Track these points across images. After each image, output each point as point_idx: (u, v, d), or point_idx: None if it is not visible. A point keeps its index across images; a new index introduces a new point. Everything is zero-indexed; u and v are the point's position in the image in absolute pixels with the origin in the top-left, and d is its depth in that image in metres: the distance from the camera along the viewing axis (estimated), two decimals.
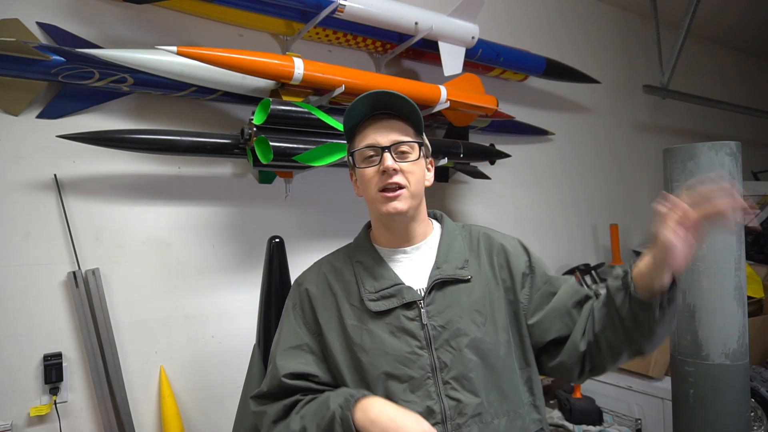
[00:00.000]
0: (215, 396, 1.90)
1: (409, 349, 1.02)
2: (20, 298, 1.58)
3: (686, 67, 4.05)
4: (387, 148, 1.03)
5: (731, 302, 1.74)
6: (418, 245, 1.11)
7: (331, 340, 1.07)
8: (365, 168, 1.06)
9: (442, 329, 1.03)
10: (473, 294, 1.06)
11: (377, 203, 1.05)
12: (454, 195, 2.71)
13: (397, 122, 1.07)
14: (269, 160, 1.71)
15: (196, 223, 1.91)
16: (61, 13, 1.67)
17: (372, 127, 1.07)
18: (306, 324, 1.11)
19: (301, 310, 1.12)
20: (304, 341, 1.09)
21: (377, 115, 1.08)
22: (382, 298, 1.05)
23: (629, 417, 2.35)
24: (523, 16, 3.08)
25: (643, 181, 3.79)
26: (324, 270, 1.15)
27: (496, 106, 2.38)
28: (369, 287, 1.07)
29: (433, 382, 1.01)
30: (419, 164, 1.07)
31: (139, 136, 1.62)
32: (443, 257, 1.09)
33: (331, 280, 1.12)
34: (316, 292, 1.12)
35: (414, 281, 1.07)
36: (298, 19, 1.97)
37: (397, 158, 1.04)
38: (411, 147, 1.06)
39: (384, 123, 1.06)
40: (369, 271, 1.09)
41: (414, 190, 1.05)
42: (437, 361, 1.01)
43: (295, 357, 1.08)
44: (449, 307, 1.04)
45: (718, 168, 1.76)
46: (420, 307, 1.04)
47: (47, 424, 1.59)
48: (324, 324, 1.09)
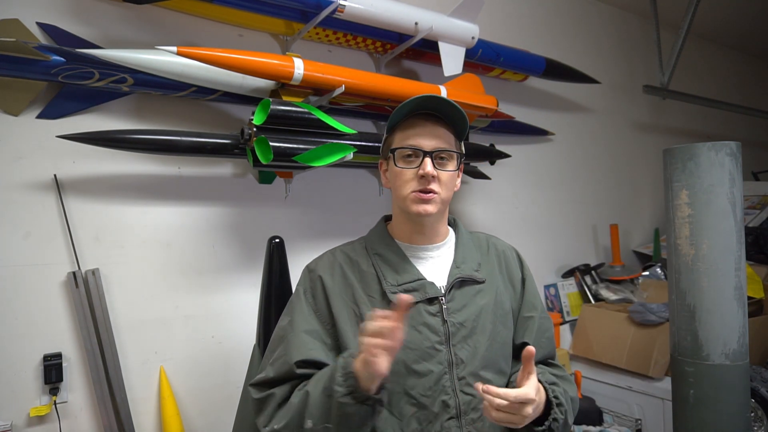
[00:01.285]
0: (215, 396, 1.90)
1: (429, 344, 1.04)
2: (20, 298, 1.58)
3: (686, 67, 4.05)
4: (429, 154, 1.05)
5: (731, 302, 1.74)
6: (438, 245, 1.15)
7: (344, 330, 1.06)
8: (403, 167, 1.07)
9: (460, 326, 1.06)
10: (487, 295, 1.11)
11: (409, 201, 1.07)
12: (455, 195, 2.70)
13: (442, 128, 1.09)
14: (269, 160, 1.71)
15: (196, 223, 1.91)
16: (61, 13, 1.67)
17: (418, 128, 1.07)
18: (317, 311, 1.09)
19: (313, 298, 1.11)
20: (316, 328, 1.08)
21: (425, 115, 1.08)
22: (404, 292, 1.06)
23: (629, 417, 2.35)
24: (523, 17, 3.08)
25: (643, 181, 3.79)
26: (339, 259, 1.14)
27: (496, 106, 2.38)
28: (391, 280, 1.08)
29: (449, 377, 1.04)
30: (455, 172, 1.11)
31: (139, 136, 1.62)
32: (461, 258, 1.13)
33: (347, 270, 1.12)
34: (331, 280, 1.11)
35: (435, 278, 1.10)
36: (298, 19, 1.97)
37: (437, 165, 1.07)
38: (450, 156, 1.08)
39: (430, 126, 1.08)
40: (390, 264, 1.10)
41: (445, 197, 1.09)
42: (454, 357, 1.04)
43: (308, 344, 1.05)
44: (467, 306, 1.08)
45: (718, 168, 1.75)
46: (441, 303, 1.06)
47: (47, 424, 1.59)
48: (337, 313, 1.07)
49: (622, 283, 3.09)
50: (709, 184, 1.75)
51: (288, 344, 1.06)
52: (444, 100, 1.06)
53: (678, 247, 1.82)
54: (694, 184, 1.78)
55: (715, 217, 1.75)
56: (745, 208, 3.46)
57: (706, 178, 1.76)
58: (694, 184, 1.78)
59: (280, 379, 1.04)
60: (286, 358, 1.04)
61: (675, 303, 1.85)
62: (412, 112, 1.09)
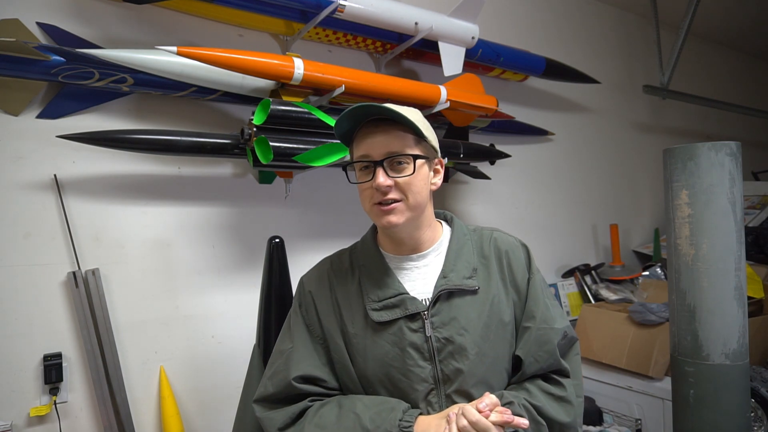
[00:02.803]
0: (215, 396, 1.90)
1: (412, 361, 0.99)
2: (20, 298, 1.58)
3: (686, 67, 4.05)
4: (380, 163, 0.97)
5: (731, 302, 1.74)
6: (424, 253, 1.07)
7: (335, 346, 1.05)
8: (361, 181, 1.01)
9: (446, 342, 0.99)
10: (480, 305, 1.03)
11: (374, 215, 1.02)
12: (454, 195, 2.71)
13: (394, 130, 0.99)
14: (269, 160, 1.71)
15: (196, 223, 1.91)
16: (61, 13, 1.67)
17: (368, 137, 1.00)
18: (310, 326, 1.09)
19: (306, 312, 1.10)
20: (310, 343, 1.07)
21: (376, 121, 1.00)
22: (385, 308, 1.01)
23: (629, 417, 2.35)
24: (523, 16, 3.08)
25: (643, 181, 3.79)
26: (327, 272, 1.12)
27: (496, 106, 2.38)
28: (373, 296, 1.03)
29: (436, 393, 0.99)
30: (417, 175, 1.00)
31: (139, 136, 1.62)
32: (450, 266, 1.05)
33: (334, 284, 1.09)
34: (319, 295, 1.09)
35: (419, 291, 1.03)
36: (298, 19, 1.97)
37: (393, 171, 0.98)
38: (407, 159, 0.99)
39: (380, 132, 0.99)
40: (373, 278, 1.05)
41: (413, 202, 0.99)
42: (440, 374, 0.99)
43: (305, 359, 1.05)
44: (455, 319, 1.01)
45: (718, 168, 1.75)
46: (424, 319, 1.00)
47: (47, 424, 1.59)
48: (327, 329, 1.06)
49: (622, 283, 3.09)
50: (709, 184, 1.75)
51: (286, 359, 1.06)
52: (377, 106, 0.96)
53: (678, 247, 1.82)
54: (694, 184, 1.78)
55: (715, 217, 1.75)
56: (745, 208, 3.46)
57: (706, 178, 1.76)
58: (694, 184, 1.78)
59: (279, 395, 1.05)
60: (285, 374, 1.04)
61: (675, 303, 1.85)
62: (357, 122, 1.01)
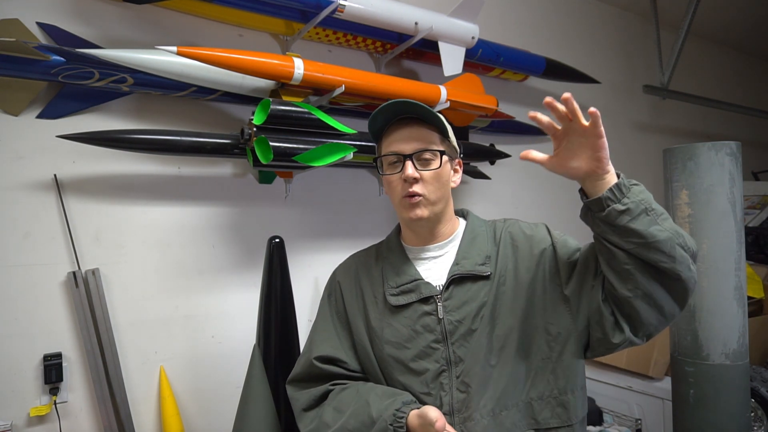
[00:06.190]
0: (215, 396, 1.90)
1: (425, 342, 1.06)
2: (20, 298, 1.58)
3: (686, 67, 4.05)
4: (409, 156, 1.07)
5: (731, 302, 1.74)
6: (441, 244, 1.15)
7: (357, 330, 1.15)
8: (390, 174, 1.10)
9: (458, 324, 1.05)
10: (492, 290, 1.08)
11: (401, 208, 1.11)
12: (455, 195, 2.67)
13: (422, 128, 1.09)
14: (269, 160, 1.71)
15: (196, 223, 1.91)
16: (61, 13, 1.67)
17: (398, 133, 1.10)
18: (338, 313, 1.19)
19: (335, 300, 1.21)
20: (336, 329, 1.17)
21: (404, 119, 1.10)
22: (401, 293, 1.10)
23: (629, 417, 2.35)
24: (523, 16, 3.08)
25: (643, 181, 3.70)
26: (355, 264, 1.23)
27: (496, 106, 2.38)
28: (391, 282, 1.12)
29: (448, 374, 1.04)
30: (442, 170, 1.10)
31: (139, 136, 1.62)
32: (463, 254, 1.12)
33: (361, 274, 1.19)
34: (346, 284, 1.20)
35: (435, 278, 1.11)
36: (298, 19, 1.97)
37: (420, 166, 1.08)
38: (433, 155, 1.09)
39: (409, 129, 1.09)
40: (393, 267, 1.14)
41: (434, 197, 1.09)
42: (452, 355, 1.05)
43: (327, 342, 1.16)
44: (467, 303, 1.06)
45: (718, 168, 1.76)
46: (437, 302, 1.07)
47: (47, 424, 1.59)
48: (351, 316, 1.16)
49: None
50: (709, 184, 1.75)
51: (310, 342, 1.19)
52: (410, 102, 1.06)
53: None
54: (694, 184, 1.78)
55: (715, 217, 1.75)
56: (745, 208, 3.46)
57: (706, 178, 1.76)
58: (694, 184, 1.78)
59: (303, 375, 1.17)
60: (308, 355, 1.16)
61: None
62: (388, 120, 1.11)
